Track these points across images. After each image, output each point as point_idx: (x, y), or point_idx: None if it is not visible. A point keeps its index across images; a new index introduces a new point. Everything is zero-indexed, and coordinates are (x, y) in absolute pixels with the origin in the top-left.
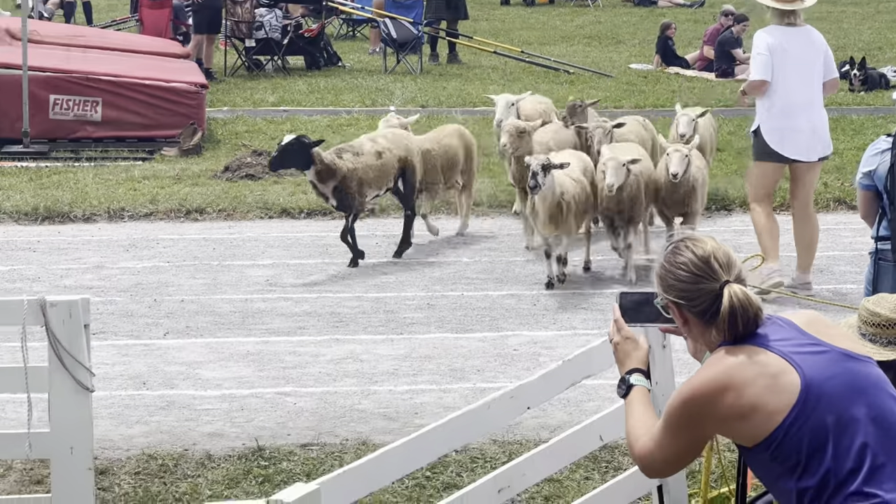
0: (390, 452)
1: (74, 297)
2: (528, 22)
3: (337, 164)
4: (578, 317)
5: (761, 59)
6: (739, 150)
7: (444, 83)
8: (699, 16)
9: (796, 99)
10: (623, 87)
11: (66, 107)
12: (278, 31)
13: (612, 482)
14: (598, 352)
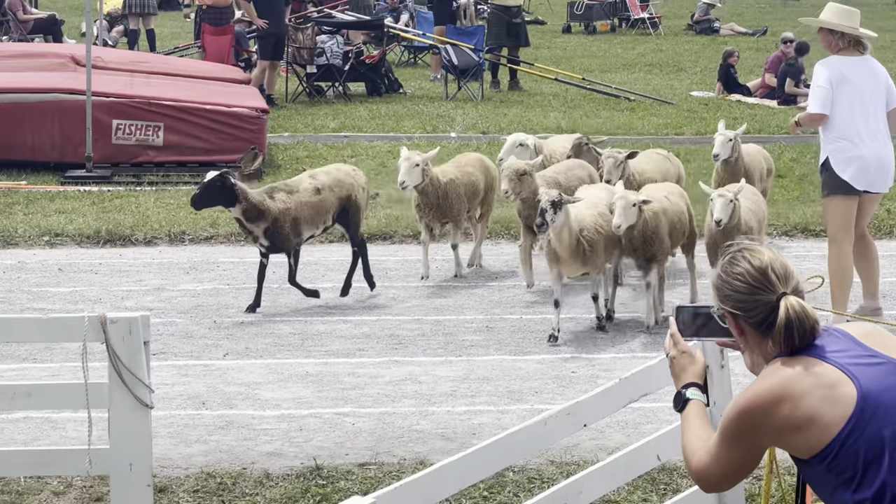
0: (447, 467)
1: (134, 314)
2: (589, 50)
3: (267, 205)
4: (637, 340)
5: (820, 92)
6: (801, 177)
7: (504, 110)
8: (761, 44)
9: (862, 130)
10: (684, 115)
11: (129, 132)
12: (339, 57)
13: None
14: (655, 370)
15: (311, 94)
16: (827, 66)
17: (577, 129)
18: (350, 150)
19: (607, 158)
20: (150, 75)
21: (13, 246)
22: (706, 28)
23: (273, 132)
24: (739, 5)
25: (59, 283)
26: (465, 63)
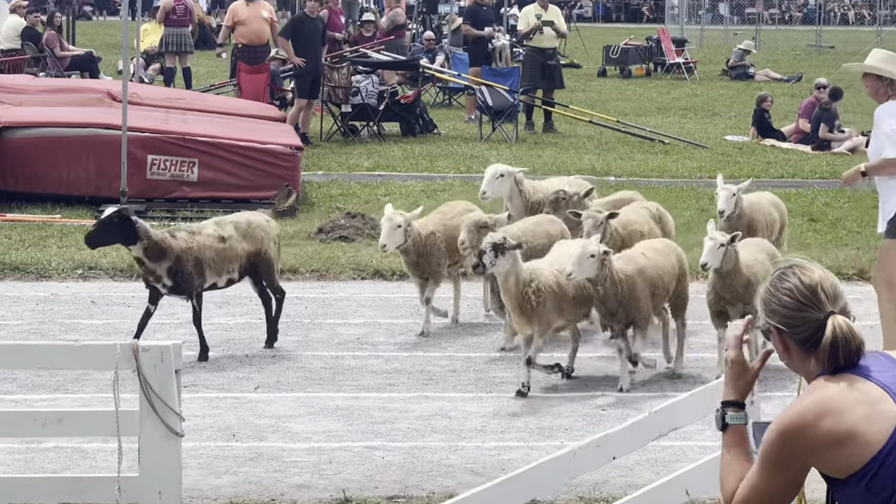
0: (476, 496)
1: (166, 343)
2: (623, 94)
3: (169, 243)
4: (667, 378)
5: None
6: (834, 221)
7: (539, 151)
8: (796, 90)
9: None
10: (718, 158)
11: (164, 167)
12: (374, 97)
13: None
14: (684, 405)
15: (346, 133)
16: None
17: (611, 172)
18: (384, 188)
19: (586, 219)
20: (185, 112)
21: (47, 278)
22: (741, 74)
23: (307, 170)
24: (774, 52)
25: (91, 315)
26: (500, 104)
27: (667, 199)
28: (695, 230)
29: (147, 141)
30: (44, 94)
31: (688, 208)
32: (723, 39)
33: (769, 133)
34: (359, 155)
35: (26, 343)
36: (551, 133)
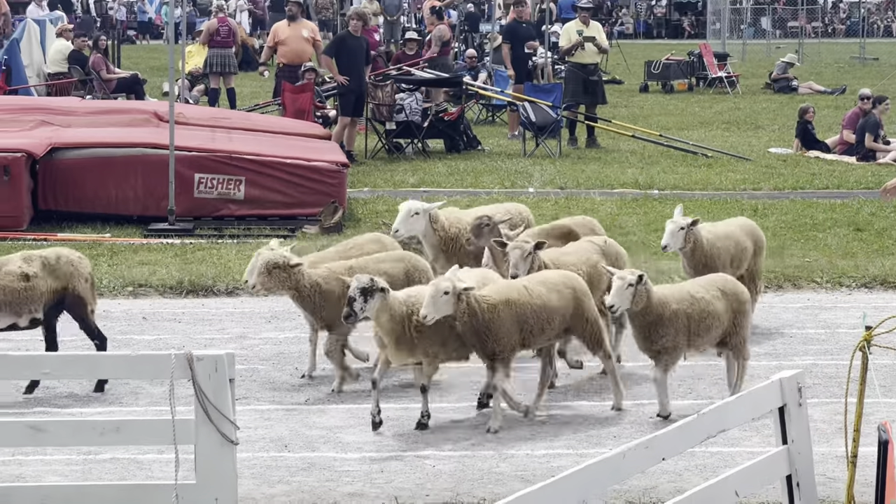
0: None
1: (220, 352)
2: (666, 108)
3: None
4: (715, 387)
5: None
6: (881, 230)
7: (582, 166)
8: (840, 102)
9: None
10: (762, 171)
11: (211, 185)
12: (418, 114)
13: None
14: (733, 406)
15: (391, 151)
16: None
17: (655, 185)
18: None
19: (513, 249)
20: (231, 131)
21: (98, 296)
22: (784, 87)
23: (353, 187)
24: (818, 64)
25: (143, 331)
26: (543, 120)
27: (711, 211)
28: None
29: (194, 160)
30: (91, 115)
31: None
32: (765, 53)
33: (813, 145)
34: (404, 172)
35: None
36: (594, 148)
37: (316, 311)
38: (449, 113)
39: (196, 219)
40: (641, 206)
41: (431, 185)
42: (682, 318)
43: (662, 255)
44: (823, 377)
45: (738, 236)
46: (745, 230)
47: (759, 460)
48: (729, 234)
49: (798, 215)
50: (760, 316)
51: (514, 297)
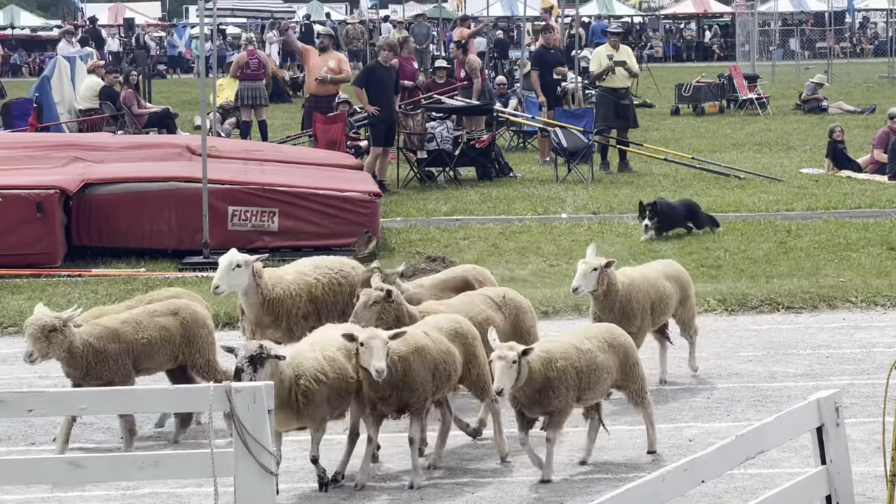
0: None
1: (259, 384)
2: (697, 131)
3: None
4: (752, 408)
5: None
6: None
7: (615, 191)
8: (870, 122)
9: None
10: (794, 191)
11: (244, 217)
12: (449, 142)
13: None
14: (771, 427)
15: (423, 180)
16: None
17: None
18: (462, 232)
19: (362, 295)
20: (263, 163)
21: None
22: (814, 107)
23: (386, 217)
24: (847, 84)
25: None
26: (575, 145)
27: (745, 233)
28: (774, 262)
29: (227, 192)
30: (124, 150)
31: (766, 241)
32: (794, 74)
33: (845, 164)
34: (436, 200)
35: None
36: (627, 172)
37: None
38: (480, 140)
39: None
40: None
41: (464, 213)
42: (572, 374)
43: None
44: (860, 396)
45: (659, 282)
46: (668, 274)
47: (797, 481)
48: (648, 278)
49: (831, 235)
50: (796, 337)
51: (425, 343)
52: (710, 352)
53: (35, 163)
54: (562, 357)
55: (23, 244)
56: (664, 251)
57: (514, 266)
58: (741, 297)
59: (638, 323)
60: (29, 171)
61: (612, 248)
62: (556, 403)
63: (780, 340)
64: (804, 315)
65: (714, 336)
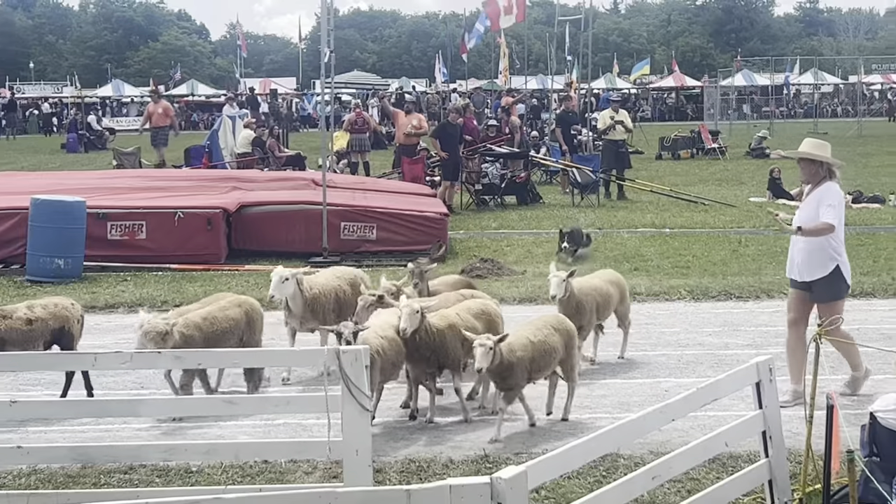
0: (578, 446)
1: (359, 347)
2: (675, 170)
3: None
4: (711, 368)
5: (839, 210)
6: None
7: (614, 212)
8: None
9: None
10: (744, 214)
11: (352, 230)
12: (497, 178)
13: (733, 476)
14: (724, 382)
15: (479, 204)
16: (836, 190)
17: (666, 225)
18: (506, 241)
19: (360, 299)
20: (366, 192)
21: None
22: (759, 154)
23: (452, 230)
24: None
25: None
26: (586, 180)
27: (707, 243)
28: (728, 264)
29: (340, 212)
30: (268, 182)
31: (722, 249)
32: (746, 130)
33: (781, 194)
34: (488, 219)
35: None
36: (623, 200)
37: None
38: (519, 177)
39: (342, 254)
40: (657, 240)
41: (507, 228)
42: (526, 361)
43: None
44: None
45: (603, 287)
46: (610, 281)
47: (742, 421)
48: (594, 285)
49: (770, 246)
50: (744, 318)
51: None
52: (680, 328)
53: (206, 190)
54: (520, 348)
55: (197, 247)
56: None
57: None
58: (704, 289)
59: (588, 317)
60: (202, 196)
61: (611, 252)
62: (511, 381)
63: (731, 320)
64: (750, 302)
65: (684, 317)
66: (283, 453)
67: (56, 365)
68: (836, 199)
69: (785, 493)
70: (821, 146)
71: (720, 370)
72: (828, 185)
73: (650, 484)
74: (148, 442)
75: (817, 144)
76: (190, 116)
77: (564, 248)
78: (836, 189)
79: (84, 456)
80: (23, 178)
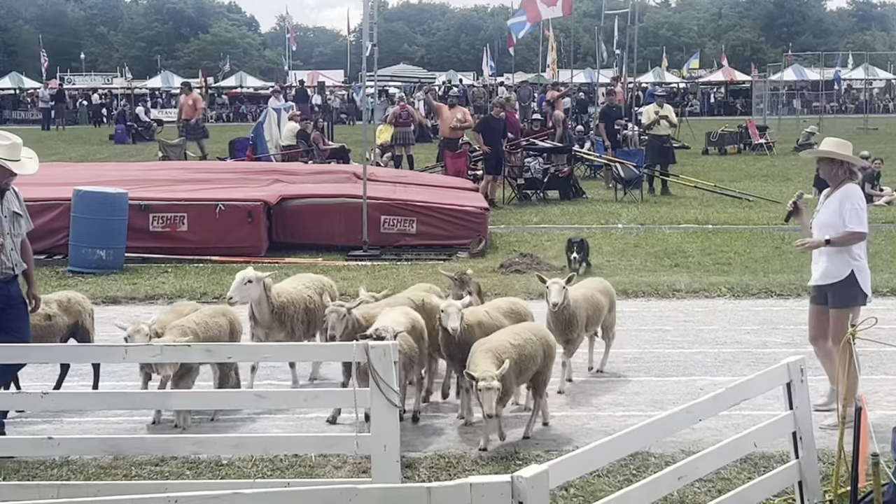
0: (601, 446)
1: (388, 343)
2: (721, 166)
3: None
4: (748, 367)
5: (863, 213)
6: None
7: (658, 208)
8: None
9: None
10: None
11: (392, 224)
12: (540, 172)
13: (763, 477)
14: (753, 382)
15: (521, 199)
16: (856, 192)
17: (709, 221)
18: (546, 236)
19: (330, 313)
20: (407, 185)
21: None
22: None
23: (493, 224)
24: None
25: None
26: (629, 175)
27: (749, 240)
28: (770, 261)
29: (380, 206)
30: (310, 175)
31: (765, 246)
32: (794, 125)
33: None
34: (529, 213)
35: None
36: (667, 195)
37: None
38: (562, 171)
39: (382, 247)
40: (699, 237)
41: (549, 223)
42: (514, 368)
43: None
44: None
45: (595, 297)
46: (601, 290)
47: (772, 421)
48: (586, 295)
49: None
50: (783, 316)
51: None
52: (719, 325)
53: (248, 183)
54: (504, 352)
55: (238, 240)
56: (690, 251)
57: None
58: (744, 287)
59: (578, 330)
60: (243, 189)
61: (652, 248)
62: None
63: (771, 318)
64: (790, 300)
65: (723, 314)
66: (312, 447)
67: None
68: (860, 203)
69: (816, 495)
70: (842, 145)
71: (757, 368)
72: (848, 187)
73: (676, 484)
74: (178, 435)
75: (838, 143)
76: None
77: (574, 259)
78: (857, 191)
79: (115, 447)
80: (66, 168)
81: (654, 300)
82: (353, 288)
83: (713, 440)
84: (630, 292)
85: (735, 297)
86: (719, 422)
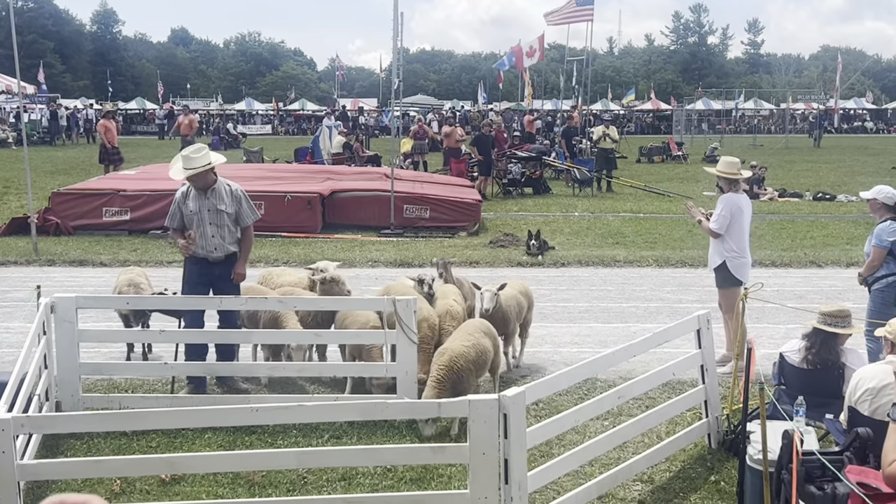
0: (563, 374)
1: (410, 297)
2: (649, 171)
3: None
4: (669, 318)
5: (724, 219)
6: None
7: (604, 201)
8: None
9: (746, 243)
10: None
11: (412, 211)
12: (519, 175)
13: (679, 396)
14: (672, 329)
15: (505, 194)
16: (730, 199)
17: (641, 211)
18: (523, 221)
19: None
20: (423, 183)
21: (353, 267)
22: (712, 160)
23: (484, 212)
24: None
25: (377, 285)
26: (584, 177)
27: (670, 226)
28: (686, 241)
29: (403, 198)
30: (353, 174)
31: (681, 230)
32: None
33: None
34: (511, 204)
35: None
36: (610, 192)
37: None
38: (534, 174)
39: (404, 228)
40: (634, 222)
41: (526, 211)
42: (471, 365)
43: (643, 247)
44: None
45: (518, 298)
46: (523, 292)
47: (685, 357)
48: (512, 296)
49: None
50: (693, 281)
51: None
52: (647, 287)
53: (307, 180)
54: (462, 356)
55: (300, 221)
56: (627, 233)
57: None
58: (666, 259)
59: (512, 325)
60: (305, 184)
61: (599, 230)
62: (461, 388)
63: (685, 282)
64: (699, 269)
65: (650, 279)
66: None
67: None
68: (728, 211)
69: (716, 410)
70: (730, 164)
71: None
72: (726, 196)
73: (616, 401)
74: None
75: (727, 163)
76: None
77: (531, 246)
78: (732, 200)
79: (211, 370)
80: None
81: (600, 268)
82: (384, 256)
83: (643, 370)
84: (583, 262)
85: (659, 266)
86: (648, 357)
